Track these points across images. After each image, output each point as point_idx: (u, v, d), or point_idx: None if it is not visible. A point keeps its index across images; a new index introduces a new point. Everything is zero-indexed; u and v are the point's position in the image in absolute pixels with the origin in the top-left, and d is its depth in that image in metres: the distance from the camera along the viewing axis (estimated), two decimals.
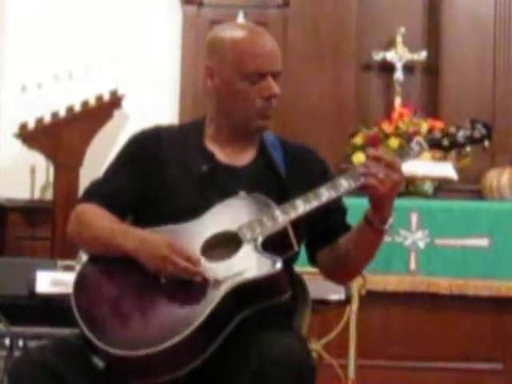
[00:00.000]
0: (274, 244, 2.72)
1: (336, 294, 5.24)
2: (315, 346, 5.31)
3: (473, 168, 6.94)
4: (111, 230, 2.79)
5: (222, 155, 2.93)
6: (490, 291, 6.18)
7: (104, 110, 7.17)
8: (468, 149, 6.45)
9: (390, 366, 6.06)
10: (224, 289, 2.65)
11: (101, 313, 2.68)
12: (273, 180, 2.89)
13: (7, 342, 3.18)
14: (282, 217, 2.73)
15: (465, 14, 7.32)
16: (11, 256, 6.63)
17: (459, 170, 6.83)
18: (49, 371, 2.60)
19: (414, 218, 6.25)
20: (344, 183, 2.78)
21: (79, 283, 2.75)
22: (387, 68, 7.39)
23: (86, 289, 2.75)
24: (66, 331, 2.86)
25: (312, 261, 2.98)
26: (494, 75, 7.27)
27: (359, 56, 7.40)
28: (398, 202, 3.21)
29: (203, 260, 2.72)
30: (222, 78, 2.89)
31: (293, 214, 2.74)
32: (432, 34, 7.45)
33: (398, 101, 7.20)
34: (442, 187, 6.85)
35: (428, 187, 6.76)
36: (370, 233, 2.81)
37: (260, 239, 2.71)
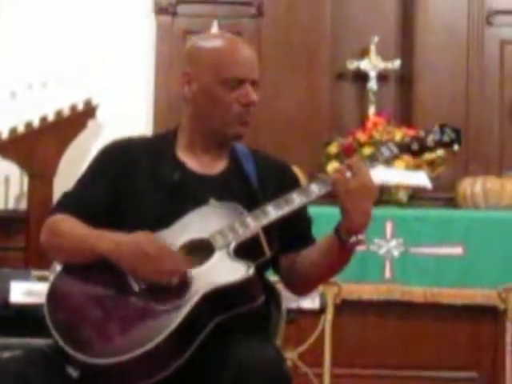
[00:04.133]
0: (246, 250, 2.77)
1: (311, 302, 5.29)
2: (290, 355, 5.35)
3: (446, 176, 6.98)
4: (85, 235, 2.83)
5: (193, 164, 2.99)
6: (465, 300, 6.17)
7: (78, 119, 7.13)
8: (440, 154, 6.60)
9: (365, 375, 6.06)
10: (197, 295, 2.69)
11: (74, 322, 2.70)
12: (244, 190, 2.94)
13: None
14: (253, 223, 2.78)
15: (438, 23, 7.33)
16: None
17: (433, 179, 6.84)
18: (23, 382, 2.62)
19: (389, 226, 6.25)
20: (315, 189, 2.82)
21: (52, 293, 2.76)
22: (361, 77, 7.36)
23: (60, 299, 2.76)
24: (40, 341, 2.86)
25: (273, 269, 3.00)
26: (467, 84, 7.28)
27: (333, 65, 7.35)
28: (373, 212, 3.28)
29: None
30: (200, 83, 2.95)
31: (264, 220, 2.78)
32: (406, 43, 7.45)
33: (372, 110, 7.20)
34: (417, 196, 6.86)
35: (402, 196, 6.77)
36: (337, 243, 2.80)
37: (232, 245, 2.77)
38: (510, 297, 5.81)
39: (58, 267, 2.92)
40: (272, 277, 3.04)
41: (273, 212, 2.79)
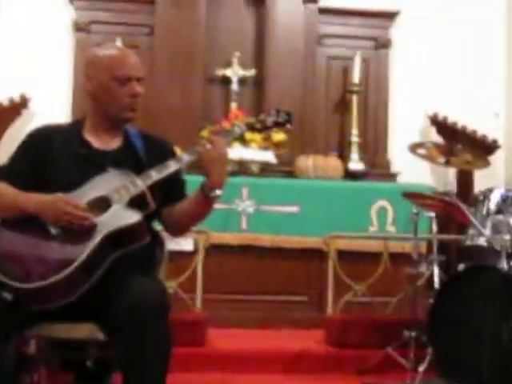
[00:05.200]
0: (136, 203, 2.88)
1: (187, 246, 5.32)
2: (172, 285, 5.43)
3: (287, 155, 7.13)
4: (16, 197, 2.91)
5: (96, 142, 3.09)
6: (300, 245, 6.42)
7: (14, 109, 7.07)
8: (283, 138, 6.64)
9: (227, 299, 6.24)
10: (100, 235, 2.79)
11: (8, 259, 2.75)
12: (134, 160, 3.05)
13: None
14: (140, 183, 2.89)
15: (283, 43, 7.46)
16: None
17: (278, 157, 7.02)
18: None
19: (245, 191, 6.42)
20: (185, 157, 2.96)
21: None
22: (226, 81, 7.47)
23: None
24: None
25: (158, 220, 3.10)
26: (303, 88, 7.44)
27: (206, 72, 7.45)
28: (233, 180, 3.28)
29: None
30: (98, 81, 3.02)
31: (149, 181, 2.90)
32: (259, 57, 7.57)
33: (234, 105, 7.32)
34: (266, 169, 6.98)
35: (255, 168, 6.89)
36: (202, 198, 2.92)
37: (126, 199, 2.86)
38: (332, 242, 5.97)
39: None
40: (158, 227, 3.05)
41: (155, 175, 2.92)
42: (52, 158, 2.98)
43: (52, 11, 7.34)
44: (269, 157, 6.98)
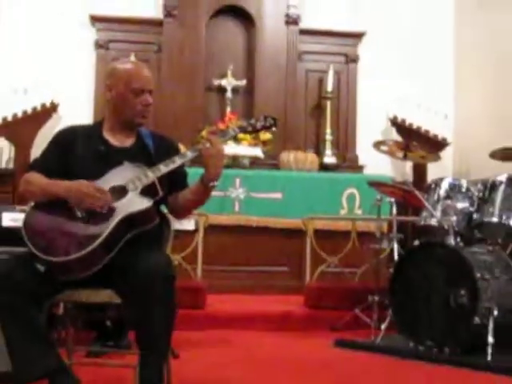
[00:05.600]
0: (148, 191, 2.83)
1: (189, 226, 5.32)
2: (177, 258, 5.42)
3: (273, 151, 7.12)
4: (47, 184, 2.86)
5: (113, 141, 3.03)
6: (283, 225, 6.40)
7: (46, 112, 7.05)
8: (269, 137, 6.61)
9: (222, 270, 6.27)
10: (117, 218, 2.74)
11: (40, 236, 2.70)
12: (146, 156, 2.98)
13: None
14: (151, 174, 2.84)
15: (269, 59, 7.45)
16: None
17: (265, 152, 7.01)
18: (7, 275, 2.62)
19: (237, 180, 6.40)
20: (188, 153, 2.91)
21: (27, 220, 2.77)
22: (222, 90, 7.44)
23: (31, 223, 2.75)
24: (20, 249, 2.85)
25: (165, 205, 3.05)
26: (285, 96, 7.44)
27: (205, 82, 7.44)
28: (228, 172, 3.25)
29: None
30: (117, 91, 2.96)
31: (158, 173, 2.85)
32: (249, 70, 7.56)
33: (228, 110, 7.29)
34: (254, 162, 6.98)
35: (246, 162, 6.88)
36: (202, 188, 2.89)
37: (139, 188, 2.81)
38: (309, 223, 5.94)
39: (30, 204, 2.88)
40: (165, 210, 3.04)
41: (163, 168, 2.87)
42: (76, 152, 2.93)
43: (78, 32, 7.33)
44: (257, 152, 6.96)
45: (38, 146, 6.46)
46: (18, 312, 2.61)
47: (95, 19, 7.30)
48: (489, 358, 3.88)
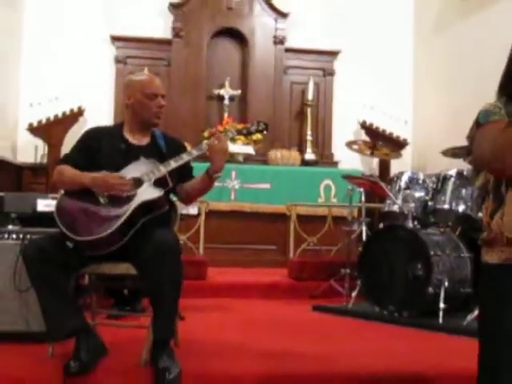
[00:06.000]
0: (160, 183, 2.81)
1: (193, 211, 5.29)
2: (183, 237, 5.41)
3: (263, 148, 7.13)
4: (76, 175, 2.83)
5: (132, 139, 3.00)
6: (270, 210, 6.40)
7: (74, 116, 7.02)
8: (260, 137, 6.58)
9: (220, 247, 6.25)
10: (134, 204, 2.73)
11: (69, 218, 2.69)
12: (158, 153, 2.95)
13: (21, 236, 3.10)
14: (163, 169, 2.82)
15: (260, 73, 7.40)
16: (26, 192, 6.43)
17: (256, 150, 7.01)
18: (42, 249, 2.62)
19: (233, 173, 6.41)
20: (194, 151, 2.89)
21: (59, 205, 2.76)
22: (221, 98, 7.42)
23: (62, 208, 2.73)
24: (52, 230, 2.83)
25: (174, 193, 3.04)
26: (274, 104, 7.41)
27: (207, 91, 7.39)
28: (225, 166, 3.18)
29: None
30: (134, 98, 2.94)
31: (169, 167, 2.83)
32: (243, 81, 7.52)
33: (225, 115, 7.27)
34: (247, 158, 6.96)
35: (240, 157, 6.87)
36: (207, 178, 2.86)
37: (152, 180, 2.80)
38: (292, 209, 5.95)
39: (61, 192, 2.86)
40: (173, 198, 3.03)
41: (173, 163, 2.85)
42: (101, 149, 2.89)
43: (100, 49, 7.27)
44: (249, 150, 6.94)
45: (67, 145, 6.46)
46: (50, 280, 2.59)
47: (115, 38, 7.25)
48: (440, 320, 3.89)
